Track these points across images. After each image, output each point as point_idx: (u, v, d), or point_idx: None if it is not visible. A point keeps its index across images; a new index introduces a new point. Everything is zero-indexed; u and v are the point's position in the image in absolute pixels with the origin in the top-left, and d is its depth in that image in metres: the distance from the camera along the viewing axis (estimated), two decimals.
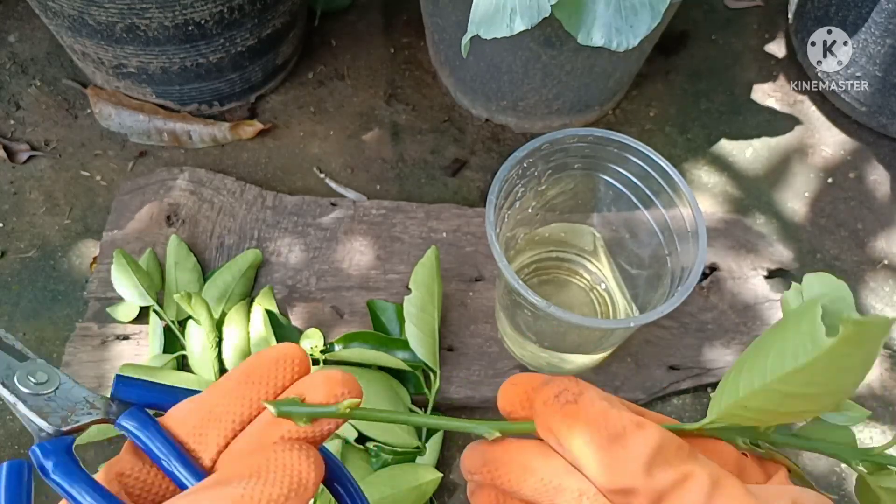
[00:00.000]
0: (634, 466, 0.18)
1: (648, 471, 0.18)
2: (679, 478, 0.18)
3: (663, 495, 0.18)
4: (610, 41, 0.58)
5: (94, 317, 0.70)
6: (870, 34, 0.79)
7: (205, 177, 0.79)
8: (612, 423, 0.19)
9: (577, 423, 0.19)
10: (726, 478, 0.19)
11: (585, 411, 0.19)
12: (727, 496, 0.18)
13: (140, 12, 0.70)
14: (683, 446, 0.19)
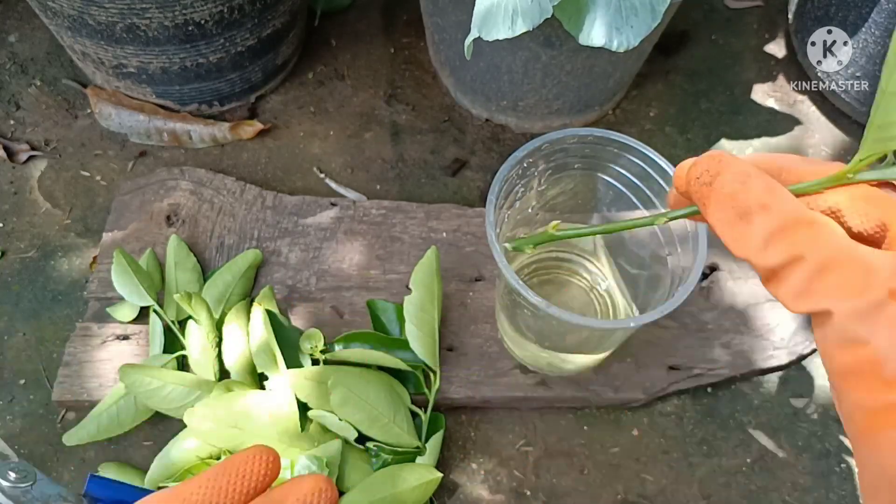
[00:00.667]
0: (753, 243, 0.21)
1: (764, 249, 0.21)
2: (788, 259, 0.20)
3: (775, 272, 0.21)
4: (610, 41, 0.58)
5: (93, 317, 0.70)
6: (870, 34, 0.79)
7: (205, 177, 0.79)
8: (740, 203, 0.21)
9: (710, 204, 0.22)
10: (839, 262, 0.20)
11: (717, 192, 0.22)
12: (828, 283, 0.20)
13: (140, 12, 0.70)
14: (806, 227, 0.20)
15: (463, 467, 0.67)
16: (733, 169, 0.22)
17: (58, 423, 0.68)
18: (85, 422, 0.63)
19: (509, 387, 0.67)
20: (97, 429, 0.63)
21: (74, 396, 0.65)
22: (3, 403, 0.69)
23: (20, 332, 0.73)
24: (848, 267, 0.20)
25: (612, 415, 0.71)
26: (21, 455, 0.66)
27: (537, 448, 0.68)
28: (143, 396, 0.60)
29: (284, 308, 0.70)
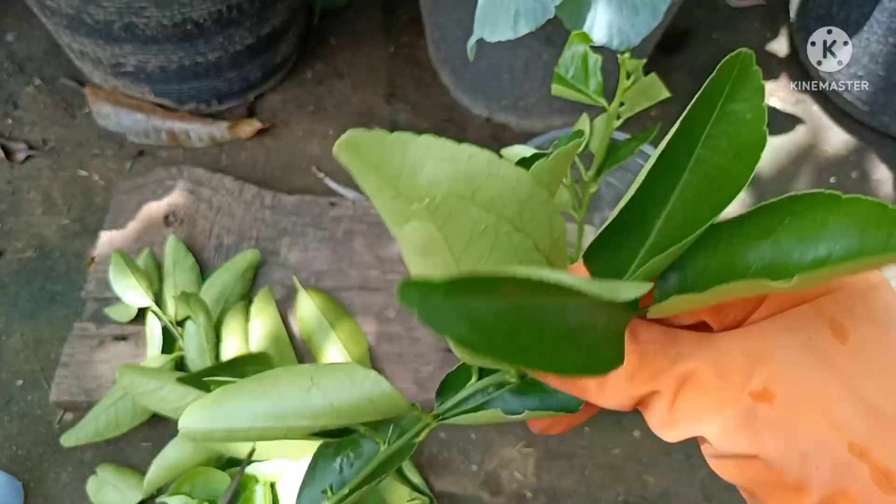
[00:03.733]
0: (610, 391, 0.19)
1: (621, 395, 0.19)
2: (646, 394, 0.19)
3: (642, 404, 0.19)
4: (611, 40, 0.58)
5: (91, 317, 0.70)
6: (872, 33, 0.79)
7: (203, 176, 0.78)
8: None
9: (546, 376, 0.20)
10: (690, 380, 0.18)
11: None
12: (688, 408, 0.18)
13: (138, 11, 0.69)
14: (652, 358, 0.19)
15: (463, 469, 0.67)
16: None
17: (56, 424, 0.67)
18: (83, 423, 0.62)
19: None
20: (95, 430, 0.62)
21: (72, 397, 0.65)
22: (1, 404, 0.68)
23: (18, 333, 0.72)
24: (700, 381, 0.18)
25: (614, 416, 0.70)
26: (19, 456, 0.66)
27: (538, 449, 0.68)
28: (140, 398, 0.60)
29: (283, 309, 0.70)
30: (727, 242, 0.19)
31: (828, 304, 0.18)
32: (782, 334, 0.18)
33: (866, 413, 0.17)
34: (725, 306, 0.19)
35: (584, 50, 0.45)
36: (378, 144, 0.17)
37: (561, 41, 0.70)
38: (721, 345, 0.18)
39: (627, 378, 0.19)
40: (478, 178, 0.18)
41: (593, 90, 0.45)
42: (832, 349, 0.18)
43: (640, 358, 0.19)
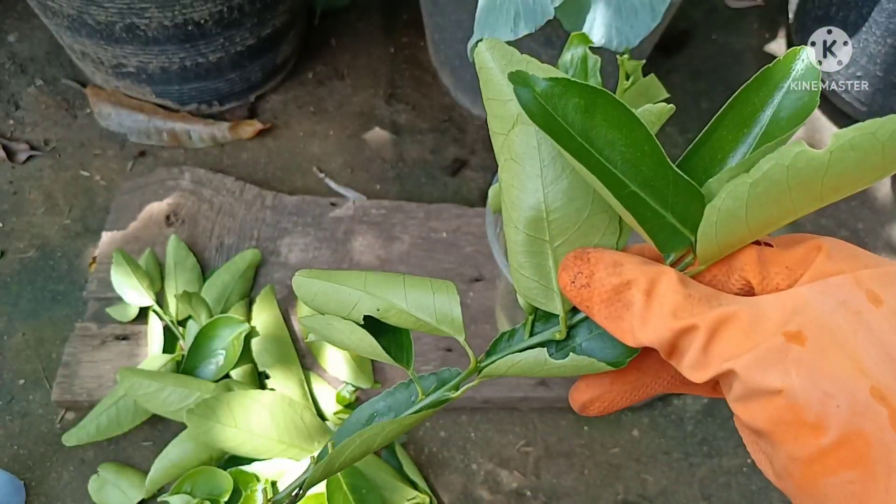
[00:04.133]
0: (649, 328, 0.20)
1: (658, 329, 0.20)
2: (681, 331, 0.20)
3: (673, 347, 0.20)
4: (610, 41, 0.58)
5: (93, 317, 0.70)
6: (870, 34, 0.79)
7: (204, 177, 0.78)
8: (624, 294, 0.21)
9: (595, 304, 0.22)
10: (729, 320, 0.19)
11: (599, 291, 0.21)
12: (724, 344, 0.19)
13: (139, 12, 0.69)
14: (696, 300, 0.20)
15: (463, 467, 0.67)
16: (605, 261, 0.22)
17: (57, 423, 0.68)
18: (84, 422, 0.63)
19: (510, 387, 0.67)
20: (97, 429, 0.62)
21: (74, 397, 0.65)
22: (2, 403, 0.69)
23: (19, 333, 0.73)
24: (738, 322, 0.19)
25: (613, 415, 0.70)
26: (20, 455, 0.66)
27: (538, 448, 0.68)
28: (141, 400, 0.60)
29: (284, 308, 0.70)
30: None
31: (866, 276, 0.19)
32: (820, 295, 0.19)
33: (891, 363, 0.18)
34: (770, 269, 0.21)
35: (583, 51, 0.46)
36: (509, 54, 0.22)
37: (560, 42, 0.70)
38: (760, 299, 0.20)
39: (671, 313, 0.20)
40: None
41: None
42: (867, 310, 0.19)
43: (686, 299, 0.20)
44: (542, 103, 0.19)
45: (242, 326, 0.64)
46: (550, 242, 0.22)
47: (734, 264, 0.21)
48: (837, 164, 0.17)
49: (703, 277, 0.22)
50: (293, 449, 0.59)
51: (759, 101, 0.22)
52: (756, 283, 0.21)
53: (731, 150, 0.22)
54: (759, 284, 0.21)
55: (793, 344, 0.18)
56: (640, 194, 0.20)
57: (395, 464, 0.64)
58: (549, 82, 0.19)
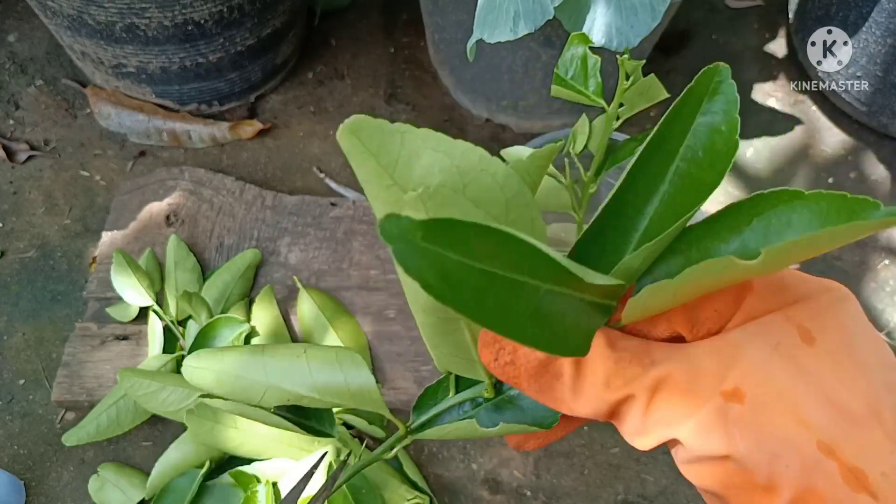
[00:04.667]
0: (584, 398, 0.19)
1: (593, 399, 0.19)
2: (620, 399, 0.19)
3: (613, 413, 0.19)
4: (610, 41, 0.58)
5: (93, 317, 0.70)
6: (870, 34, 0.79)
7: (204, 177, 0.78)
8: (552, 366, 0.20)
9: (523, 380, 0.20)
10: (664, 383, 0.18)
11: (525, 366, 0.20)
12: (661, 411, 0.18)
13: (139, 12, 0.69)
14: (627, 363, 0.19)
15: (463, 467, 0.67)
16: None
17: (57, 423, 0.68)
18: (84, 422, 0.63)
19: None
20: (96, 429, 0.62)
21: (74, 397, 0.65)
22: (2, 403, 0.69)
23: (19, 333, 0.73)
24: (674, 384, 0.18)
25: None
26: (20, 455, 0.66)
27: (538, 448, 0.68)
28: (141, 400, 0.60)
29: (284, 309, 0.70)
30: (698, 243, 0.19)
31: (797, 311, 0.19)
32: (752, 339, 0.18)
33: (834, 412, 0.17)
34: (699, 315, 0.20)
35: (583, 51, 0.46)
36: (379, 131, 0.18)
37: (560, 42, 0.70)
38: (694, 352, 0.19)
39: (603, 383, 0.19)
40: (470, 172, 0.18)
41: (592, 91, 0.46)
42: (800, 352, 0.18)
43: (616, 364, 0.19)
44: (428, 247, 0.15)
45: (242, 326, 0.64)
46: (464, 319, 0.21)
47: (659, 316, 0.20)
48: (768, 266, 0.17)
49: (630, 329, 0.21)
50: (293, 449, 0.59)
51: (674, 137, 0.20)
52: (685, 332, 0.20)
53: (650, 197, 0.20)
54: (689, 333, 0.20)
55: (732, 403, 0.17)
56: (556, 290, 0.18)
57: (395, 464, 0.64)
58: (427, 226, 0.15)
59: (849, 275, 0.80)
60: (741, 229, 0.18)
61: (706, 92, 0.20)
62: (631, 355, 0.19)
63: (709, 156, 0.19)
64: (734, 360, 0.18)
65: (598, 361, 0.19)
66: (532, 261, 0.17)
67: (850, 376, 0.18)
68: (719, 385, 0.18)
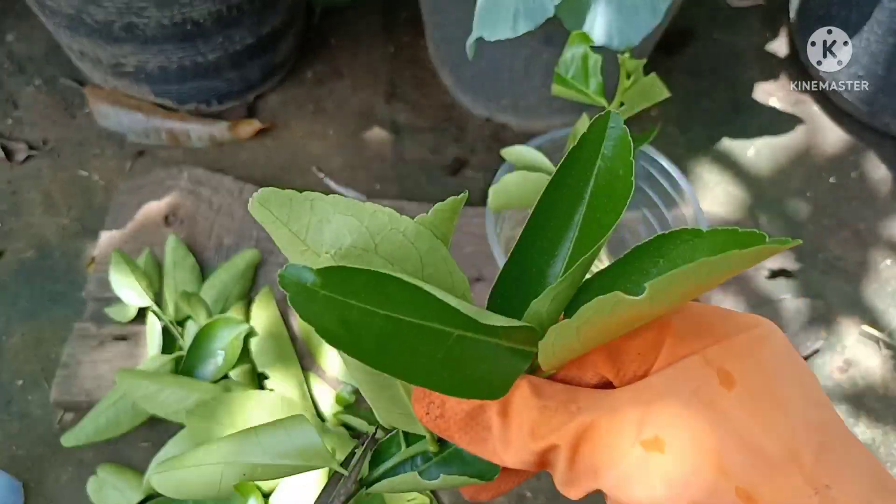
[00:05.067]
0: (513, 450, 0.19)
1: (522, 451, 0.19)
2: (544, 450, 0.19)
3: (545, 465, 0.20)
4: (611, 40, 0.58)
5: (92, 317, 0.70)
6: (872, 33, 0.79)
7: (203, 176, 0.78)
8: (479, 419, 0.20)
9: (455, 432, 0.20)
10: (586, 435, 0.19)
11: (453, 419, 0.20)
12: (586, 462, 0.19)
13: (138, 11, 0.69)
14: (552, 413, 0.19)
15: None
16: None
17: (56, 424, 0.67)
18: (83, 423, 0.62)
19: None
20: (95, 430, 0.62)
21: (72, 397, 0.65)
22: (1, 404, 0.69)
23: (18, 333, 0.72)
24: (597, 433, 0.18)
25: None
26: (19, 456, 0.66)
27: None
28: (140, 401, 0.60)
29: (284, 309, 0.70)
30: (610, 285, 0.20)
31: (717, 353, 0.19)
32: (672, 384, 0.19)
33: (753, 457, 0.17)
34: (622, 358, 0.20)
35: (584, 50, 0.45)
36: (287, 202, 0.19)
37: (561, 41, 0.70)
38: (616, 398, 0.19)
39: (529, 433, 0.19)
40: (380, 232, 0.19)
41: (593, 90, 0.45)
42: (719, 396, 0.18)
43: (541, 413, 0.19)
44: (328, 294, 0.16)
45: (242, 327, 0.64)
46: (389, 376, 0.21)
47: (586, 363, 0.20)
48: (659, 302, 0.17)
49: (557, 377, 0.21)
50: None
51: (576, 183, 0.20)
52: (612, 376, 0.20)
53: (559, 241, 0.21)
54: (616, 377, 0.20)
55: (653, 452, 0.18)
56: (467, 335, 0.18)
57: None
58: (324, 274, 0.16)
59: (850, 274, 0.80)
60: (649, 270, 0.19)
61: (602, 138, 0.20)
62: (556, 403, 0.19)
63: (610, 200, 0.20)
64: (655, 408, 0.18)
65: (523, 411, 0.19)
66: (437, 307, 0.17)
67: (769, 418, 0.18)
68: (640, 434, 0.18)
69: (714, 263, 0.16)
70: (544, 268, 0.21)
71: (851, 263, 0.81)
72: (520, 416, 0.19)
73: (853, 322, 0.77)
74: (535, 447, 0.19)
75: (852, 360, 0.75)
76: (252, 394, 0.59)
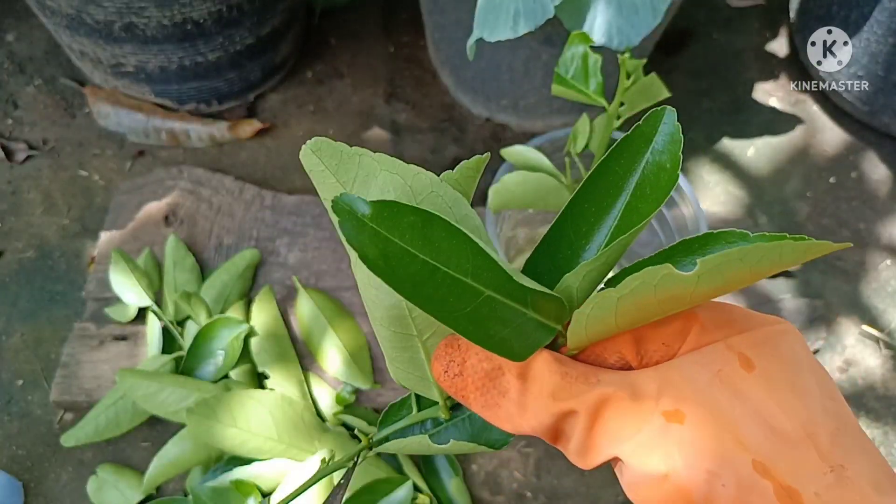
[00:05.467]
0: (528, 414, 0.20)
1: (538, 416, 0.20)
2: (560, 417, 0.19)
3: (557, 433, 0.20)
4: (611, 40, 0.58)
5: (92, 317, 0.70)
6: (872, 33, 0.79)
7: (203, 176, 0.78)
8: (499, 380, 0.20)
9: (470, 392, 0.21)
10: (607, 403, 0.19)
11: (472, 378, 0.21)
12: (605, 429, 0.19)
13: (138, 11, 0.69)
14: (572, 380, 0.20)
15: (464, 469, 0.67)
16: (478, 347, 0.21)
17: (56, 423, 0.68)
18: (83, 423, 0.62)
19: None
20: (95, 430, 0.62)
21: (72, 397, 0.65)
22: (1, 404, 0.69)
23: (18, 333, 0.72)
24: (617, 403, 0.19)
25: None
26: (19, 456, 0.66)
27: (538, 449, 0.68)
28: (140, 400, 0.60)
29: (283, 308, 0.70)
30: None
31: (738, 341, 0.20)
32: (694, 365, 0.19)
33: (770, 433, 0.18)
34: (647, 346, 0.21)
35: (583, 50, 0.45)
36: (338, 153, 0.20)
37: (561, 41, 0.70)
38: (638, 375, 0.20)
39: (549, 395, 0.19)
40: (422, 192, 0.20)
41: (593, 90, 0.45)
42: (740, 377, 0.19)
43: (563, 378, 0.20)
44: (374, 227, 0.17)
45: (242, 327, 0.64)
46: (419, 336, 0.22)
47: (609, 346, 0.21)
48: (705, 283, 0.17)
49: (579, 357, 0.21)
50: (293, 449, 0.59)
51: (622, 171, 0.21)
52: (634, 361, 0.21)
53: (597, 225, 0.21)
54: (637, 363, 0.21)
55: (672, 423, 0.18)
56: (497, 297, 0.19)
57: (395, 464, 0.64)
58: (376, 207, 0.17)
59: (850, 274, 0.80)
60: (692, 258, 0.19)
61: (654, 132, 0.21)
62: (578, 373, 0.20)
63: (653, 191, 0.20)
64: (676, 384, 0.19)
65: (545, 374, 0.20)
66: (475, 262, 0.18)
67: (787, 400, 0.18)
68: (661, 406, 0.18)
69: (767, 250, 0.16)
70: (579, 251, 0.21)
71: (851, 263, 0.81)
72: (541, 379, 0.20)
73: (853, 322, 0.77)
74: (556, 409, 0.19)
75: (852, 360, 0.75)
76: (253, 393, 0.59)
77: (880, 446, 0.71)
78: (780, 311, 0.75)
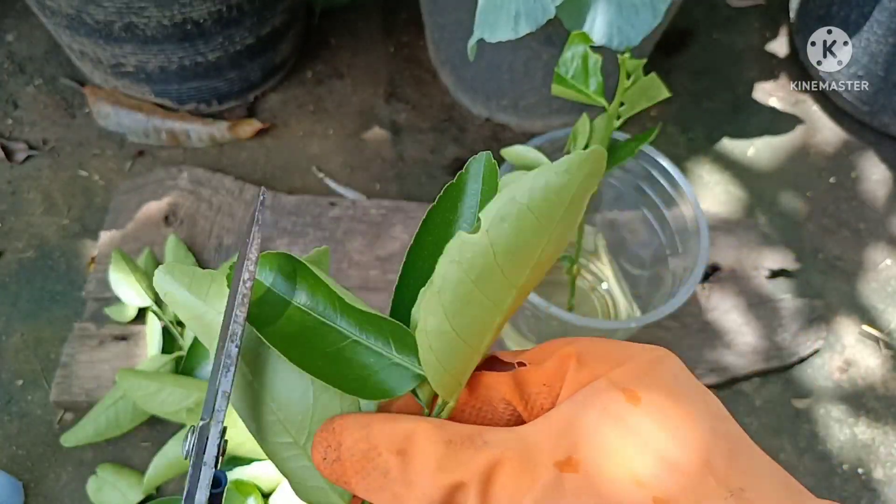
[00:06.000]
0: (414, 493, 0.19)
1: (428, 493, 0.19)
2: (453, 488, 0.18)
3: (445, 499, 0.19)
4: (611, 40, 0.58)
5: (91, 317, 0.70)
6: (872, 33, 0.79)
7: (203, 176, 0.78)
8: (377, 466, 0.19)
9: (351, 477, 0.20)
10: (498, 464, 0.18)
11: (351, 462, 0.20)
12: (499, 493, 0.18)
13: (138, 11, 0.69)
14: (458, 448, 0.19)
15: None
16: (351, 427, 0.20)
17: (56, 424, 0.68)
18: (83, 423, 0.62)
19: None
20: (95, 430, 0.62)
21: (72, 397, 0.65)
22: (1, 404, 0.69)
23: (18, 333, 0.72)
24: (508, 465, 0.18)
25: None
26: (19, 456, 0.66)
27: None
28: (140, 401, 0.60)
29: None
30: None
31: (619, 375, 0.19)
32: (580, 406, 0.19)
33: (665, 466, 0.17)
34: (529, 389, 0.20)
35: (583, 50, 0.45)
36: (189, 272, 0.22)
37: (561, 41, 0.70)
38: (525, 429, 0.19)
39: (435, 467, 0.18)
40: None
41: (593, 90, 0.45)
42: (627, 412, 0.18)
43: (447, 446, 0.19)
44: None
45: None
46: (297, 443, 0.21)
47: (493, 395, 0.20)
48: (498, 241, 0.17)
49: (467, 417, 0.21)
50: None
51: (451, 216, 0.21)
52: (521, 408, 0.20)
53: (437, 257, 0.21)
54: (525, 410, 0.20)
55: (567, 473, 0.17)
56: (361, 341, 0.19)
57: None
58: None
59: (850, 274, 0.80)
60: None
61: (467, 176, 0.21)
62: (462, 438, 0.19)
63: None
64: (565, 430, 0.18)
65: (427, 446, 0.19)
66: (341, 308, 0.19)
67: (677, 429, 0.18)
68: (553, 457, 0.18)
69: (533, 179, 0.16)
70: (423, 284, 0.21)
71: (851, 263, 0.81)
72: (423, 452, 0.19)
73: (853, 322, 0.77)
74: (444, 481, 0.18)
75: (852, 360, 0.75)
76: None
77: (880, 447, 0.71)
78: (780, 311, 0.75)
